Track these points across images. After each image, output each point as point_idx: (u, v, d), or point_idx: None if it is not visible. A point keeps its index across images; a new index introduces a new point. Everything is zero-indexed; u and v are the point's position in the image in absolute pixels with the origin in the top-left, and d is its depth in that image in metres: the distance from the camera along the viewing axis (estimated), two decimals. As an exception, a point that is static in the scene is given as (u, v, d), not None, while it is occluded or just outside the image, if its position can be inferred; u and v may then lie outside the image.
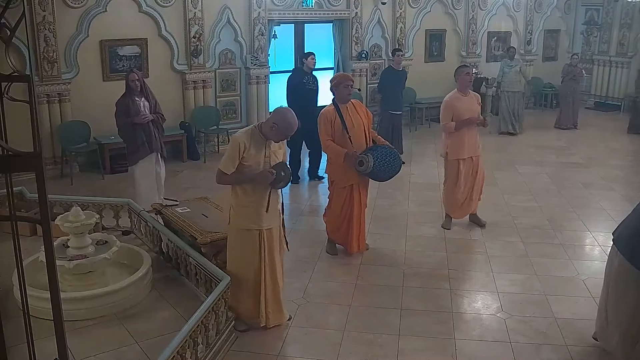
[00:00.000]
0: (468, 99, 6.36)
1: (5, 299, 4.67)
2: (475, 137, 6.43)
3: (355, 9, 11.31)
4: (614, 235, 4.16)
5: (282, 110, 4.29)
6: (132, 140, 6.73)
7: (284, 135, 4.25)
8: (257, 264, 4.36)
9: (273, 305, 4.48)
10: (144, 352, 4.12)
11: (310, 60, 8.26)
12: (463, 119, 6.23)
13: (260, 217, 4.28)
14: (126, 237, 6.00)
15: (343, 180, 5.65)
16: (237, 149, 4.15)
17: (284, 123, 4.16)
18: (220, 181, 4.30)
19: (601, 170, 9.20)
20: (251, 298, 4.43)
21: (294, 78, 8.32)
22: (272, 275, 4.44)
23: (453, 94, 6.42)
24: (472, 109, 6.31)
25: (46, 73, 8.31)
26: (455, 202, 6.56)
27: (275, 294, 4.49)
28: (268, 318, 4.47)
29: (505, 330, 4.57)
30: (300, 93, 8.11)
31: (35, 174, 1.97)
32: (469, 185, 6.50)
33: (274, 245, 4.42)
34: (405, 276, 5.48)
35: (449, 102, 6.35)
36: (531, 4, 13.83)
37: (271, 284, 4.44)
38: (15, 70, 2.20)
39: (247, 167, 4.19)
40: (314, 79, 8.30)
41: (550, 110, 14.04)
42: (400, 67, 9.59)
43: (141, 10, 9.05)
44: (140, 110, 6.67)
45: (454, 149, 6.38)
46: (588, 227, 6.82)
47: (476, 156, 6.47)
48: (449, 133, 6.35)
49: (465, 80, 6.33)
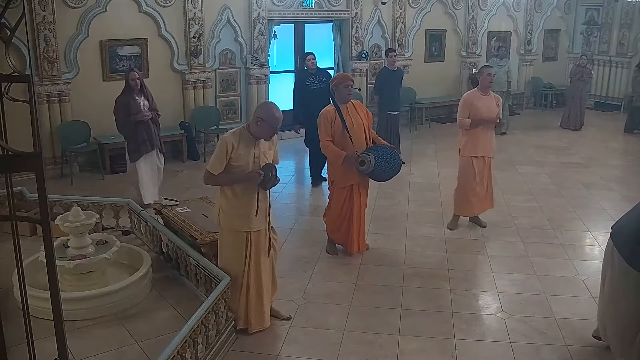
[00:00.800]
0: (488, 99, 6.36)
1: (5, 299, 4.67)
2: (490, 138, 6.43)
3: (355, 9, 11.31)
4: (612, 229, 4.15)
5: (266, 104, 4.30)
6: (134, 138, 6.95)
7: (272, 129, 4.19)
8: (242, 267, 4.32)
9: (256, 309, 4.40)
10: (144, 352, 4.12)
11: (308, 60, 8.26)
12: (481, 117, 6.24)
13: (249, 219, 4.25)
14: (126, 237, 6.01)
15: (343, 181, 5.65)
16: (225, 149, 4.12)
17: (268, 116, 4.13)
18: (208, 182, 4.27)
19: (601, 170, 9.20)
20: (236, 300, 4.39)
21: (298, 79, 8.34)
22: (257, 279, 4.37)
23: (473, 92, 6.46)
24: (490, 109, 6.31)
25: (46, 73, 8.31)
26: (468, 200, 6.55)
27: (259, 298, 4.40)
28: (250, 323, 4.41)
29: (505, 330, 4.57)
30: (304, 94, 8.10)
31: (35, 174, 1.97)
32: (484, 182, 6.50)
33: (261, 248, 4.36)
34: (405, 276, 5.48)
35: (467, 99, 6.37)
36: (531, 4, 13.83)
37: (255, 288, 4.37)
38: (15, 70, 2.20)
39: (236, 167, 4.16)
40: (319, 78, 8.22)
41: (550, 110, 14.05)
42: (394, 67, 9.57)
43: (141, 10, 9.05)
44: (140, 109, 6.90)
45: (469, 146, 6.40)
46: (588, 227, 6.82)
47: (489, 157, 6.48)
48: (465, 130, 6.37)
49: (486, 81, 6.33)
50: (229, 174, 4.18)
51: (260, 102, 4.45)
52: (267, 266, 4.45)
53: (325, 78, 8.23)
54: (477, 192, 6.50)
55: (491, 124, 6.35)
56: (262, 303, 4.43)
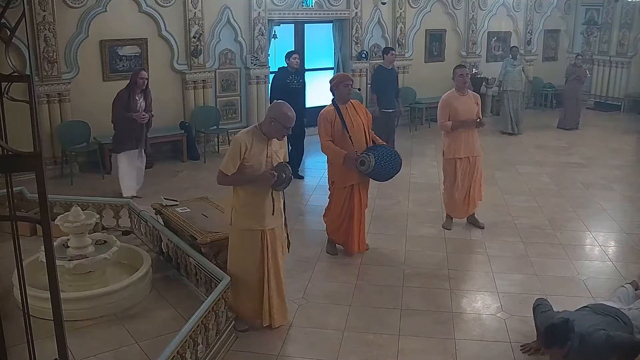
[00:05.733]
0: (466, 98, 6.35)
1: (5, 299, 4.67)
2: (473, 138, 6.42)
3: (355, 9, 11.30)
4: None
5: (278, 104, 4.32)
6: (123, 132, 7.34)
7: (284, 128, 4.22)
8: (260, 265, 4.35)
9: (278, 305, 4.48)
10: (144, 352, 4.12)
11: (292, 59, 8.29)
12: (460, 118, 6.22)
13: (263, 217, 4.28)
14: (126, 237, 6.00)
15: (343, 181, 5.65)
16: (239, 149, 4.14)
17: (281, 115, 4.16)
18: (221, 182, 4.28)
19: (601, 170, 9.19)
20: (254, 299, 4.42)
21: (278, 77, 8.40)
22: (277, 275, 4.44)
23: (451, 93, 6.42)
24: (469, 108, 6.30)
25: (46, 73, 8.31)
26: (453, 201, 6.56)
27: (279, 294, 4.49)
28: (273, 318, 4.46)
29: (505, 330, 4.57)
30: (283, 92, 8.10)
31: (35, 174, 1.97)
32: (466, 185, 6.49)
33: (277, 245, 4.42)
34: (405, 276, 5.48)
35: (446, 100, 6.35)
36: (531, 4, 13.83)
37: (275, 284, 4.44)
38: (15, 70, 2.20)
39: (249, 167, 4.18)
40: (299, 78, 8.33)
41: (550, 110, 14.04)
42: (390, 66, 9.58)
43: (141, 10, 9.04)
44: (136, 108, 7.21)
45: (451, 147, 6.39)
46: (588, 227, 6.82)
47: (474, 157, 6.46)
48: (446, 132, 6.36)
49: (460, 82, 6.32)
50: (242, 175, 4.19)
51: (273, 102, 4.50)
52: (284, 262, 4.56)
53: (302, 79, 8.46)
54: (461, 193, 6.48)
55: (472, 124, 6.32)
56: (282, 298, 4.53)
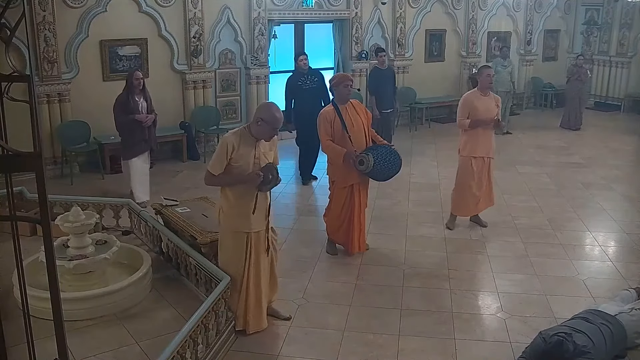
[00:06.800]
0: (487, 99, 6.36)
1: (5, 299, 4.67)
2: (489, 138, 6.42)
3: (355, 9, 11.30)
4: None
5: (266, 105, 4.32)
6: (130, 137, 7.14)
7: (272, 130, 4.20)
8: (242, 268, 4.32)
9: (254, 310, 4.41)
10: (144, 352, 4.12)
11: (299, 61, 8.26)
12: (479, 118, 6.24)
13: (248, 220, 4.25)
14: (126, 237, 6.00)
15: (343, 181, 5.64)
16: (225, 149, 4.13)
17: (269, 116, 4.14)
18: (209, 182, 4.28)
19: (601, 170, 9.19)
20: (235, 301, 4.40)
21: (291, 79, 8.32)
22: (256, 280, 4.37)
23: (473, 92, 6.46)
24: (489, 109, 6.31)
25: (46, 73, 8.31)
26: (465, 200, 6.55)
27: (257, 299, 4.40)
28: (248, 323, 4.41)
29: (505, 330, 4.57)
30: (297, 95, 8.10)
31: (35, 174, 1.97)
32: (480, 185, 6.50)
33: (261, 249, 4.37)
34: (405, 276, 5.48)
35: (467, 99, 6.37)
36: (531, 4, 13.82)
37: (254, 289, 4.38)
38: (15, 70, 2.19)
39: (236, 168, 4.17)
40: (312, 77, 8.21)
41: (550, 110, 14.05)
42: (385, 66, 9.59)
43: (141, 10, 9.05)
44: (138, 109, 7.09)
45: (468, 146, 6.40)
46: (588, 227, 6.82)
47: (488, 157, 6.47)
48: (464, 130, 6.37)
49: (487, 81, 6.32)
50: (229, 175, 4.19)
51: (261, 103, 4.45)
52: (266, 267, 4.45)
53: (318, 78, 8.24)
54: (474, 193, 6.49)
55: (490, 124, 6.35)
56: (260, 304, 4.43)
